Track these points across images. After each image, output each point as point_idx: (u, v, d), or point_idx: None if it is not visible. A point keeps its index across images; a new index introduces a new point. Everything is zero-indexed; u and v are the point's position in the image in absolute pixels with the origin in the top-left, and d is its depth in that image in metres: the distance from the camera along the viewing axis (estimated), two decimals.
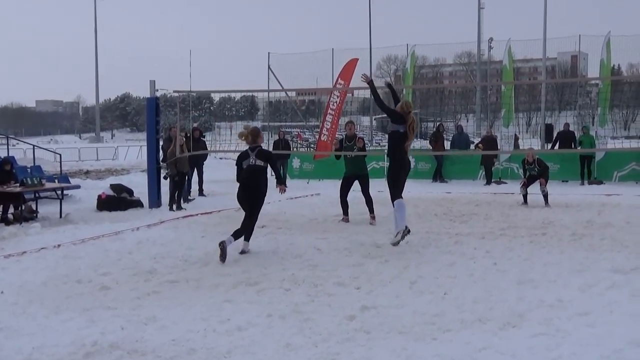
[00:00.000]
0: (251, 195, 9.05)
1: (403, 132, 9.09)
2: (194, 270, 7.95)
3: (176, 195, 14.17)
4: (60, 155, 20.68)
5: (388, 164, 9.59)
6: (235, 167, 9.36)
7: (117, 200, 14.02)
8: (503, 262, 8.12)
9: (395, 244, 8.93)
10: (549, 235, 10.10)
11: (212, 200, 15.91)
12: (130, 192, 14.58)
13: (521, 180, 14.70)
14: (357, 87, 22.02)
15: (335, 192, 12.66)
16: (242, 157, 9.25)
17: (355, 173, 11.91)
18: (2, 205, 12.37)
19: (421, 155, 21.89)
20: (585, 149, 19.25)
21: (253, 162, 9.05)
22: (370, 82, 9.42)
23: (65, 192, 14.28)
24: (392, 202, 9.07)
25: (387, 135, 10.62)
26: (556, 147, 20.55)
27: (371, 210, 11.70)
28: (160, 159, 14.98)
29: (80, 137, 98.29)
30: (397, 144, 9.16)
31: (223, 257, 8.31)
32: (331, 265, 8.05)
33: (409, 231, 8.98)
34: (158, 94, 14.97)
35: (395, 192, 9.06)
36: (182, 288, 7.11)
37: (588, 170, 19.47)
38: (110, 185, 14.97)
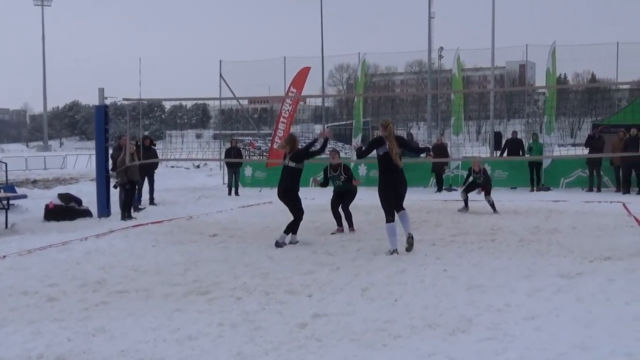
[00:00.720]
0: (285, 193, 10.38)
1: (382, 153, 9.26)
2: (143, 280, 7.84)
3: (126, 204, 13.99)
4: (6, 164, 20.23)
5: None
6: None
7: (65, 209, 13.77)
8: (453, 268, 8.22)
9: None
10: (498, 242, 10.27)
11: (163, 209, 15.77)
12: (78, 201, 14.33)
13: (461, 186, 15.00)
14: (308, 95, 22.10)
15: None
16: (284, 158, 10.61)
17: (344, 190, 11.83)
18: None
19: (372, 163, 22.00)
20: (534, 156, 19.64)
21: (287, 163, 10.46)
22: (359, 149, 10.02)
23: (11, 201, 13.96)
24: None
25: (339, 143, 10.85)
26: (504, 154, 20.92)
27: (350, 225, 11.60)
28: (110, 167, 14.79)
29: (27, 146, 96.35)
30: (380, 164, 9.38)
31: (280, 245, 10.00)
32: (283, 273, 8.04)
33: (393, 252, 9.18)
34: (107, 101, 14.79)
35: (385, 211, 9.36)
36: (132, 298, 7.01)
37: (537, 176, 19.87)
38: (58, 194, 14.68)
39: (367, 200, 13.87)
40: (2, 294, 7.18)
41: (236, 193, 20.22)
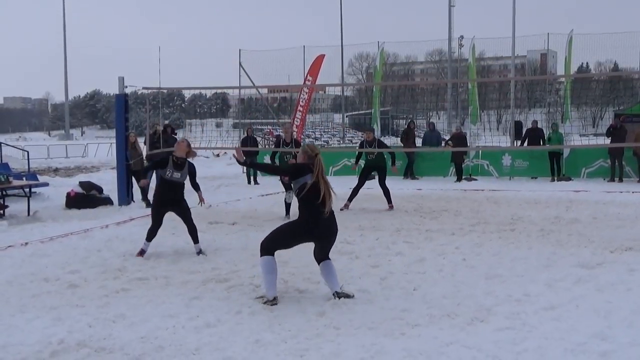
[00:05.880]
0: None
1: (307, 184, 6.35)
2: (163, 267, 7.91)
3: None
4: (28, 152, 20.41)
5: None
6: None
7: (87, 198, 13.88)
8: (472, 258, 8.20)
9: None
10: (518, 231, 10.21)
11: None
12: (99, 189, 14.44)
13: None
14: (328, 83, 22.09)
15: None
16: None
17: (375, 164, 13.59)
18: None
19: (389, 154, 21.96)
20: (554, 145, 19.46)
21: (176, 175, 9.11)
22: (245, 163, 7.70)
23: (33, 189, 14.11)
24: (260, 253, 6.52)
25: (358, 133, 10.74)
26: (525, 144, 20.76)
27: (389, 201, 13.16)
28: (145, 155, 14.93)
29: (49, 135, 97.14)
30: (304, 200, 6.40)
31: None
32: (301, 261, 8.04)
33: (274, 304, 6.24)
34: (127, 90, 14.85)
35: (269, 245, 6.49)
36: (151, 285, 7.07)
37: (557, 166, 19.71)
38: (80, 182, 14.81)
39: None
40: (23, 281, 7.27)
41: (255, 182, 20.26)
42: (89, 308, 6.17)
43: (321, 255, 6.57)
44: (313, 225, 6.36)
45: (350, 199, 13.28)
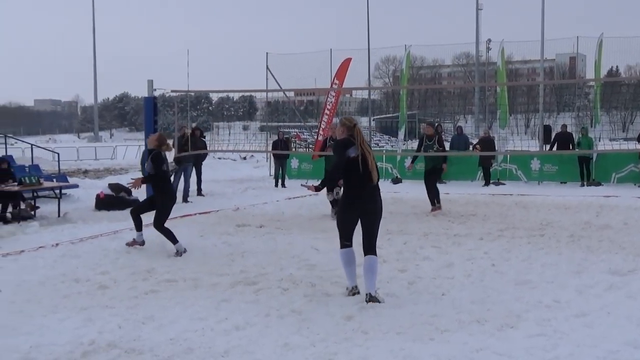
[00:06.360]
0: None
1: (354, 156, 6.44)
2: (191, 269, 7.94)
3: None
4: (59, 154, 20.62)
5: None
6: None
7: (116, 199, 14.01)
8: (501, 263, 8.14)
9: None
10: (547, 237, 10.11)
11: (210, 200, 15.92)
12: (128, 191, 14.55)
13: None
14: (354, 87, 22.07)
15: None
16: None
17: (434, 166, 13.42)
18: (0, 204, 12.37)
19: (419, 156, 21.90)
20: (584, 150, 19.25)
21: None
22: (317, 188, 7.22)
23: (63, 191, 14.26)
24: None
25: (385, 136, 10.67)
26: (554, 148, 20.57)
27: (437, 201, 13.15)
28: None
29: (78, 137, 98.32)
30: (348, 173, 6.52)
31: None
32: (329, 265, 8.05)
33: (354, 293, 6.62)
34: (156, 93, 14.98)
35: (340, 234, 6.67)
36: (180, 287, 7.11)
37: (587, 171, 19.49)
38: (109, 184, 14.96)
39: (412, 193, 13.82)
40: (54, 281, 7.36)
41: (283, 185, 20.31)
42: (119, 309, 6.23)
43: (367, 244, 6.54)
44: (357, 198, 6.46)
45: (438, 200, 13.21)
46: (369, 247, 6.53)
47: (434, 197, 13.18)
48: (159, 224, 9.01)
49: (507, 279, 7.31)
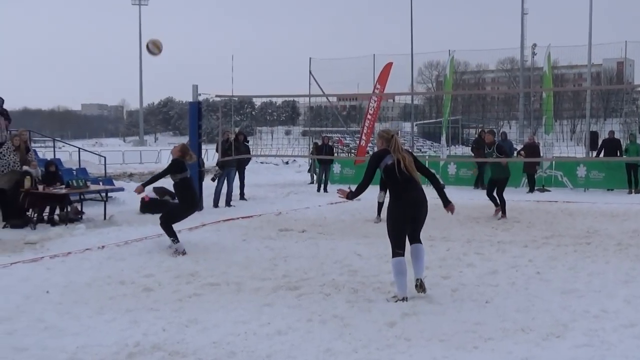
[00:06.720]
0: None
1: (391, 163, 6.76)
2: (234, 273, 7.99)
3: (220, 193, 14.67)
4: (105, 158, 20.93)
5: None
6: None
7: (160, 203, 14.17)
8: (546, 271, 8.01)
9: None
10: (594, 245, 9.92)
11: (252, 204, 16.01)
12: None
13: None
14: (397, 92, 21.98)
15: (374, 197, 12.60)
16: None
17: (498, 177, 13.60)
18: (48, 207, 12.63)
19: (463, 162, 21.73)
20: (631, 157, 18.86)
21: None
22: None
23: (109, 194, 14.49)
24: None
25: (427, 141, 10.64)
26: (601, 155, 20.19)
27: (503, 212, 13.27)
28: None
29: (124, 141, 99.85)
30: (390, 182, 6.86)
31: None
32: (371, 271, 8.02)
33: (403, 299, 6.65)
34: (200, 98, 15.13)
35: (392, 243, 6.80)
36: (223, 291, 7.16)
37: (635, 178, 19.08)
38: (154, 188, 15.08)
39: (455, 199, 13.60)
40: (101, 283, 7.48)
41: (325, 190, 20.31)
42: (163, 312, 6.29)
43: (413, 235, 6.91)
44: (406, 207, 6.75)
45: (496, 203, 13.47)
46: (415, 237, 6.94)
47: (502, 205, 13.39)
48: (166, 223, 9.36)
49: (552, 287, 7.20)
